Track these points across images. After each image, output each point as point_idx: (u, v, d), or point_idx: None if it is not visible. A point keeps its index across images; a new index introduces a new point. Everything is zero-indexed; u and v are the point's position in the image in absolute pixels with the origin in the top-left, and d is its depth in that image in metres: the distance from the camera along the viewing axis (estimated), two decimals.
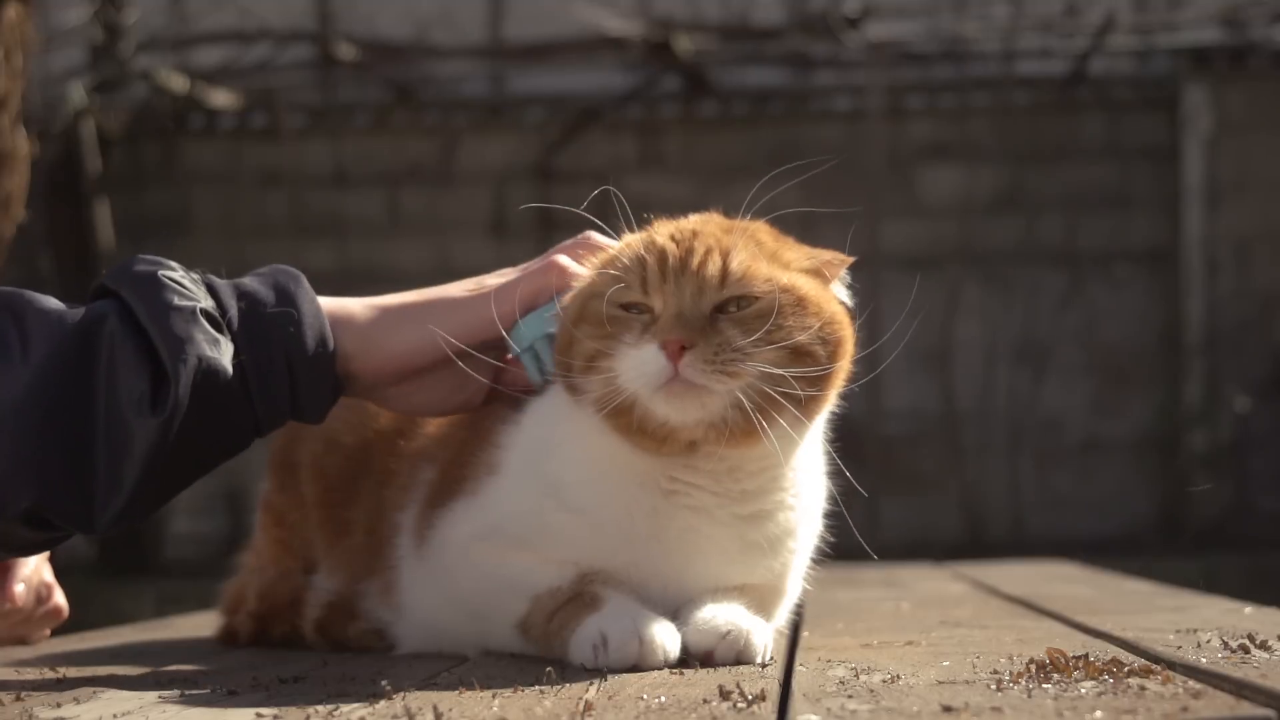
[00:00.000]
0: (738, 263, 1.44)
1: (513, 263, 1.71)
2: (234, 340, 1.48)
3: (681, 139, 7.61)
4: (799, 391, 1.42)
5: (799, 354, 1.43)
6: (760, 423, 1.40)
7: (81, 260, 7.09)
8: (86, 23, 7.43)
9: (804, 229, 1.58)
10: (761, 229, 1.53)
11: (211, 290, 1.50)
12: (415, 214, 7.59)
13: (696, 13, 7.58)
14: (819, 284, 1.50)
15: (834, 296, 1.52)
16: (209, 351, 1.44)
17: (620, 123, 7.57)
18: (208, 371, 1.44)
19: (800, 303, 1.45)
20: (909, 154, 7.48)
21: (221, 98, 7.54)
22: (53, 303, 1.46)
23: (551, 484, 1.53)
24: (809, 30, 7.54)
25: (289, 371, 1.50)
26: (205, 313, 1.46)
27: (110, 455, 1.42)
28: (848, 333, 1.49)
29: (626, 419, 1.44)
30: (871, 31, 7.51)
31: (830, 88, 7.67)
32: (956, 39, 7.56)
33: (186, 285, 1.48)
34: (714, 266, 1.44)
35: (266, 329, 1.49)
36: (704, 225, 1.51)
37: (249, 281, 1.54)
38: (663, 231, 1.51)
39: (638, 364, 1.41)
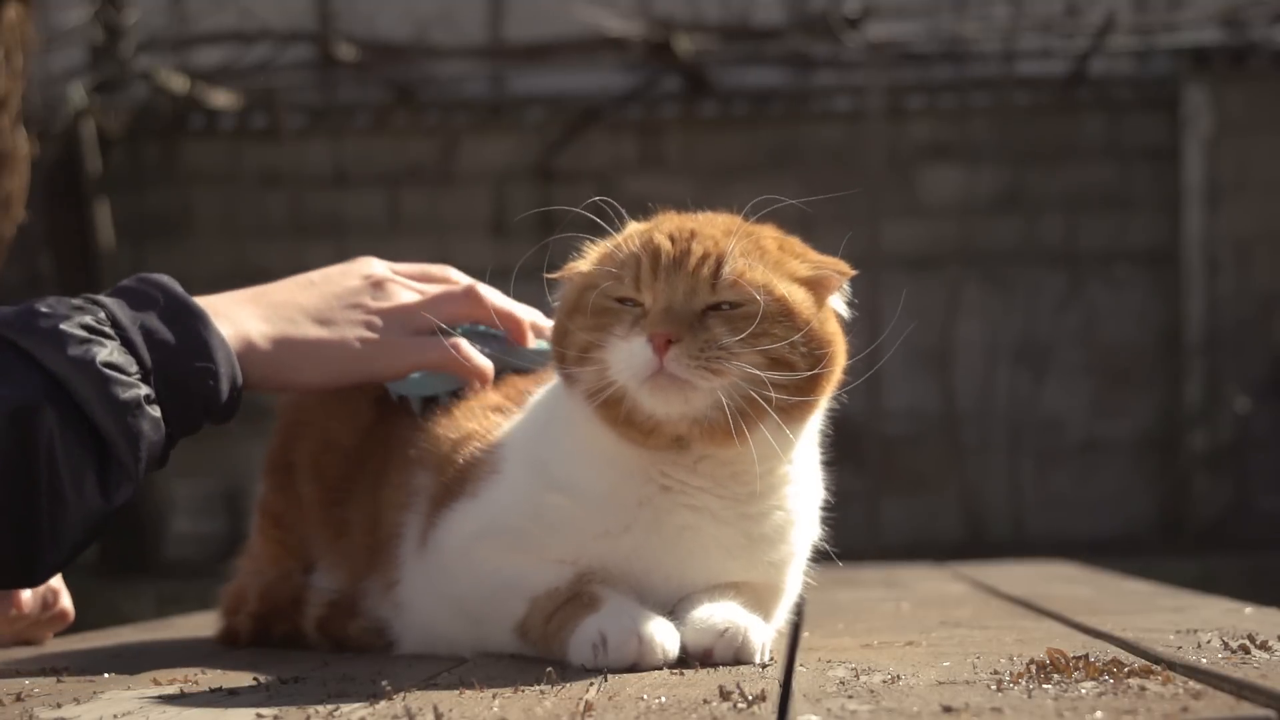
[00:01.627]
0: (731, 267, 1.44)
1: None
2: (156, 396, 1.53)
3: (681, 139, 7.62)
4: (781, 398, 1.42)
5: (781, 364, 1.43)
6: (741, 425, 1.41)
7: (81, 261, 7.09)
8: (86, 23, 7.44)
9: (804, 230, 1.58)
10: (766, 233, 1.53)
11: (128, 344, 1.52)
12: (415, 214, 7.59)
13: (696, 13, 7.58)
14: (815, 299, 1.50)
15: (829, 314, 1.51)
16: (154, 436, 1.52)
17: (620, 123, 7.58)
18: (152, 452, 1.53)
19: (788, 314, 1.45)
20: (909, 154, 7.49)
21: (221, 98, 7.54)
22: None
23: (546, 471, 1.54)
24: (809, 30, 7.55)
25: (205, 415, 1.60)
26: (146, 397, 1.51)
27: (55, 534, 1.47)
28: (836, 350, 1.49)
29: (616, 410, 1.45)
30: (871, 32, 7.51)
31: (830, 88, 7.67)
32: (956, 39, 7.56)
33: (121, 365, 1.49)
34: (708, 269, 1.45)
35: (187, 387, 1.56)
36: (704, 225, 1.51)
37: (156, 325, 1.55)
38: (664, 227, 1.51)
39: (626, 356, 1.43)
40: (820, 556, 1.67)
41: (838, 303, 1.55)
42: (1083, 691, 1.14)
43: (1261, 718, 1.02)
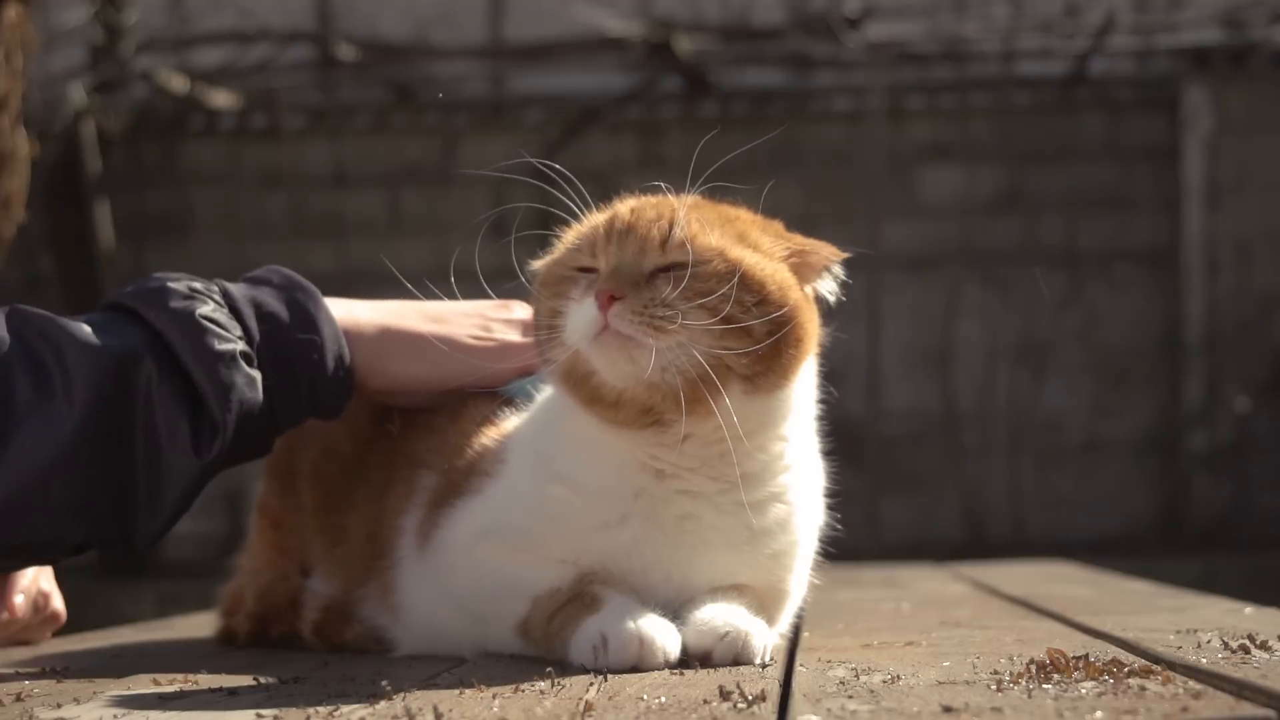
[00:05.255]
0: (682, 229, 1.45)
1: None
2: (260, 365, 1.56)
3: (681, 139, 7.61)
4: (739, 359, 1.41)
5: (731, 325, 1.41)
6: (702, 390, 1.39)
7: (81, 261, 7.09)
8: (86, 23, 7.43)
9: (805, 229, 1.58)
10: (742, 214, 1.54)
11: (235, 313, 1.56)
12: (415, 214, 7.59)
13: (696, 13, 7.58)
14: (780, 268, 1.47)
15: (792, 283, 1.48)
16: (249, 394, 1.54)
17: (620, 123, 7.57)
18: (247, 411, 1.54)
19: (741, 276, 1.42)
20: (909, 154, 7.48)
21: (221, 98, 7.53)
22: (85, 331, 1.50)
23: (547, 463, 1.54)
24: (809, 30, 7.54)
25: (311, 393, 1.61)
26: (244, 354, 1.53)
27: (151, 489, 1.50)
28: (801, 317, 1.46)
29: (584, 388, 1.45)
30: (871, 32, 7.50)
31: (830, 88, 7.66)
32: (956, 39, 7.56)
33: (221, 322, 1.53)
34: (658, 230, 1.45)
35: (291, 357, 1.58)
36: (671, 201, 1.52)
37: (267, 299, 1.59)
38: (631, 202, 1.53)
39: (578, 317, 1.43)
40: (821, 556, 1.67)
41: (826, 285, 1.54)
42: (1083, 691, 1.14)
43: (1261, 718, 1.02)
